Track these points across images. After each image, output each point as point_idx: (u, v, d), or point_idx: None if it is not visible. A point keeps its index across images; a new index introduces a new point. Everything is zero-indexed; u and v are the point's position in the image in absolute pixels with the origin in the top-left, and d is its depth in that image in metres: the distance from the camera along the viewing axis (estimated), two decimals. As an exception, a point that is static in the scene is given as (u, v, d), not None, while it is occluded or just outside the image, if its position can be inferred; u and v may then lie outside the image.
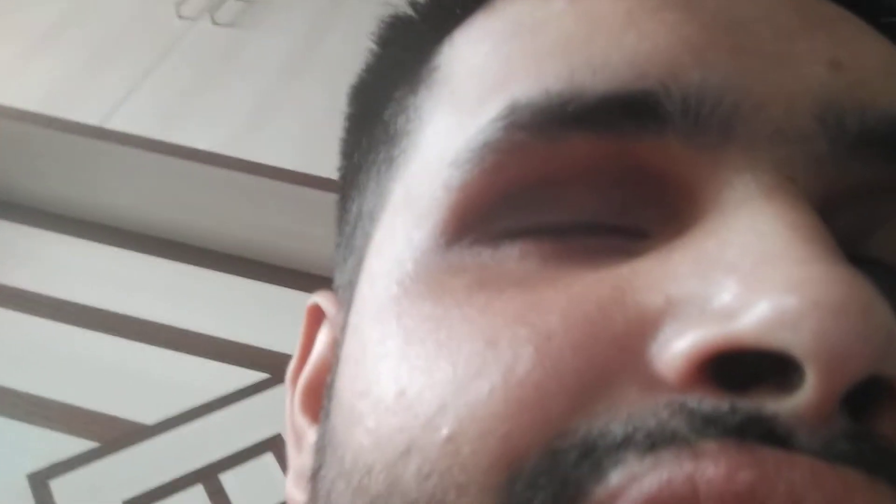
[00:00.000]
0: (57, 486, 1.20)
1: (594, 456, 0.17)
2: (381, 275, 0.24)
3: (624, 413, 0.18)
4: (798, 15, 0.24)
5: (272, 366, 1.36)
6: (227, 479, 1.24)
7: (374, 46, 0.32)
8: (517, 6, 0.26)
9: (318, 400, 0.30)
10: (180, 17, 1.61)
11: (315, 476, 0.25)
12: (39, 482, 1.20)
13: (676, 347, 0.18)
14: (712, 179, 0.21)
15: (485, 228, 0.23)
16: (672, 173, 0.22)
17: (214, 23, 1.61)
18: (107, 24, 1.59)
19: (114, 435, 1.26)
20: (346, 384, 0.24)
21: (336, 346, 0.27)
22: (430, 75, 0.28)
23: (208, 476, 1.23)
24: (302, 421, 0.31)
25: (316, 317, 0.34)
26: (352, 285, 0.27)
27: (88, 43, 1.55)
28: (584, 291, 0.20)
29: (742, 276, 0.18)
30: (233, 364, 1.36)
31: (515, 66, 0.24)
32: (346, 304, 0.27)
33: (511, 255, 0.22)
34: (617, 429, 0.17)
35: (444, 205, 0.23)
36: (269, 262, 1.50)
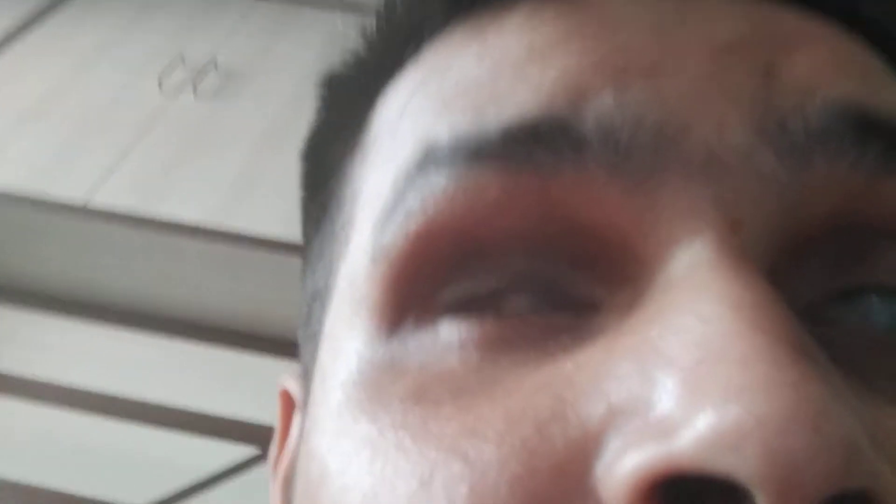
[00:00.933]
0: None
1: None
2: (329, 373, 0.23)
3: None
4: (737, 28, 0.22)
5: (261, 439, 1.34)
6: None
7: (317, 108, 0.30)
8: (436, 54, 0.25)
9: None
10: (162, 91, 1.62)
11: None
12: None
13: (618, 472, 0.16)
14: (655, 233, 0.19)
15: (423, 304, 0.21)
16: (605, 222, 0.20)
17: (196, 96, 1.62)
18: (90, 101, 1.60)
19: (103, 520, 1.23)
20: (300, 499, 0.22)
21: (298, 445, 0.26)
22: (364, 138, 0.26)
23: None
24: None
25: (288, 402, 0.32)
26: (308, 376, 0.26)
27: (72, 119, 1.56)
28: (524, 406, 0.18)
29: (682, 377, 0.16)
30: (221, 439, 1.34)
31: (426, 114, 0.23)
32: (305, 397, 0.26)
33: (451, 344, 0.20)
34: None
35: (375, 281, 0.22)
36: (258, 332, 1.50)
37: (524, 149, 0.20)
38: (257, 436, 1.34)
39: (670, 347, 0.17)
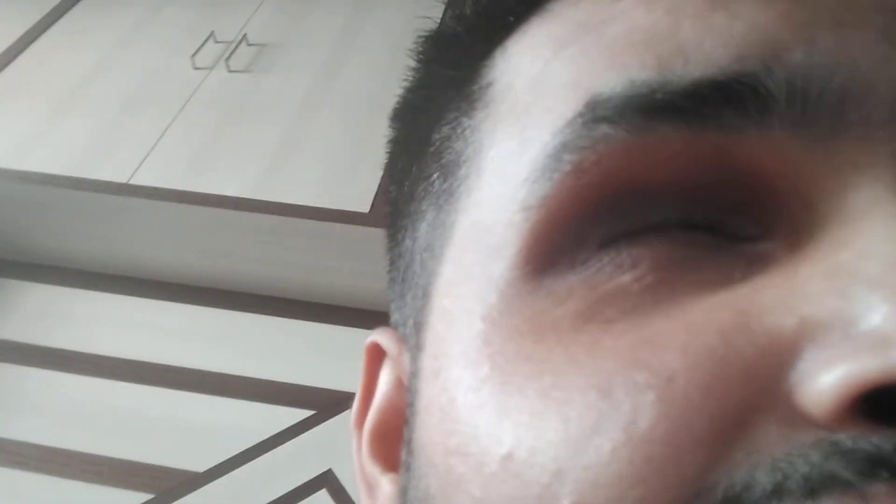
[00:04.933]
0: (116, 541, 1.21)
1: None
2: (461, 313, 0.22)
3: (768, 459, 0.16)
4: None
5: (317, 402, 1.36)
6: (284, 519, 1.24)
7: (414, 64, 0.29)
8: (578, 8, 0.23)
9: (389, 446, 0.28)
10: (196, 67, 1.64)
11: None
12: (98, 539, 1.21)
13: (824, 381, 0.15)
14: (829, 180, 0.19)
15: (578, 244, 0.20)
16: (781, 175, 0.19)
17: (230, 70, 1.63)
18: (125, 82, 1.62)
19: (167, 485, 1.26)
20: (436, 438, 0.21)
21: (408, 392, 0.25)
22: (485, 93, 0.25)
23: (265, 518, 1.23)
24: (373, 468, 0.28)
25: (375, 356, 0.31)
26: (418, 326, 0.25)
27: (109, 102, 1.58)
28: (703, 319, 0.17)
29: (887, 293, 0.15)
30: (277, 404, 1.37)
31: (589, 64, 0.22)
32: (413, 347, 0.25)
33: (621, 267, 0.20)
34: (764, 478, 0.15)
35: (525, 229, 0.21)
36: (302, 299, 1.52)
37: (713, 108, 0.19)
38: (310, 398, 1.37)
39: (870, 268, 0.16)
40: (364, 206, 1.34)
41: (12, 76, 1.66)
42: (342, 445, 1.28)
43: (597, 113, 0.20)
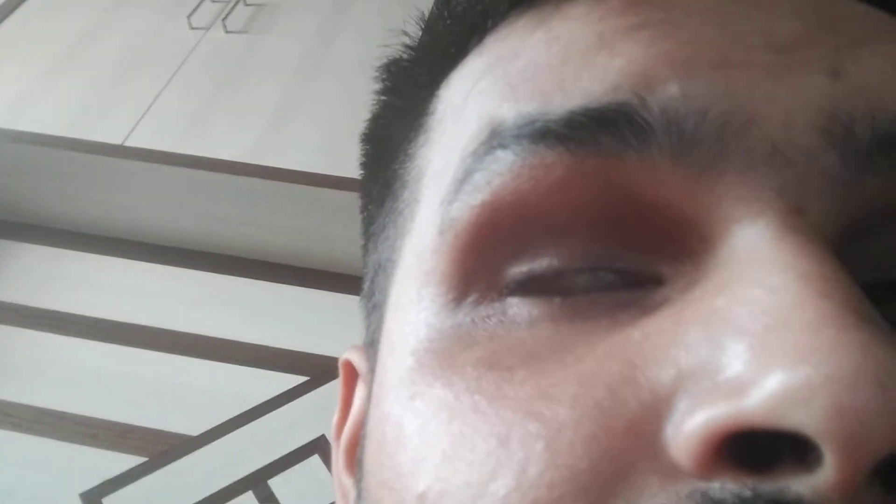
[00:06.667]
0: (110, 503, 1.22)
1: None
2: (399, 341, 0.24)
3: None
4: (802, 22, 0.22)
5: (310, 368, 1.36)
6: (276, 484, 1.24)
7: (377, 92, 0.31)
8: (501, 42, 0.25)
9: None
10: (192, 27, 1.61)
11: None
12: (92, 501, 1.22)
13: (688, 428, 0.17)
14: (716, 211, 0.20)
15: (488, 279, 0.22)
16: (668, 203, 0.20)
17: (226, 31, 1.61)
18: (121, 43, 1.60)
19: (161, 448, 1.27)
20: (373, 468, 0.23)
21: (364, 412, 0.27)
22: (427, 121, 0.27)
23: (257, 482, 1.24)
24: (347, 480, 0.31)
25: (351, 372, 0.33)
26: (375, 345, 0.27)
27: (104, 62, 1.56)
28: (595, 371, 0.19)
29: (751, 342, 0.17)
30: (270, 369, 1.37)
31: (493, 98, 0.23)
32: (371, 366, 0.27)
33: (520, 318, 0.21)
34: None
35: (443, 253, 0.23)
36: (296, 265, 1.51)
37: (589, 133, 0.21)
38: (304, 364, 1.37)
39: (738, 316, 0.17)
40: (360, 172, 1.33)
41: (4, 36, 1.64)
42: (335, 412, 1.28)
43: (493, 141, 0.22)
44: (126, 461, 1.26)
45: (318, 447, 1.27)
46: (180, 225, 1.51)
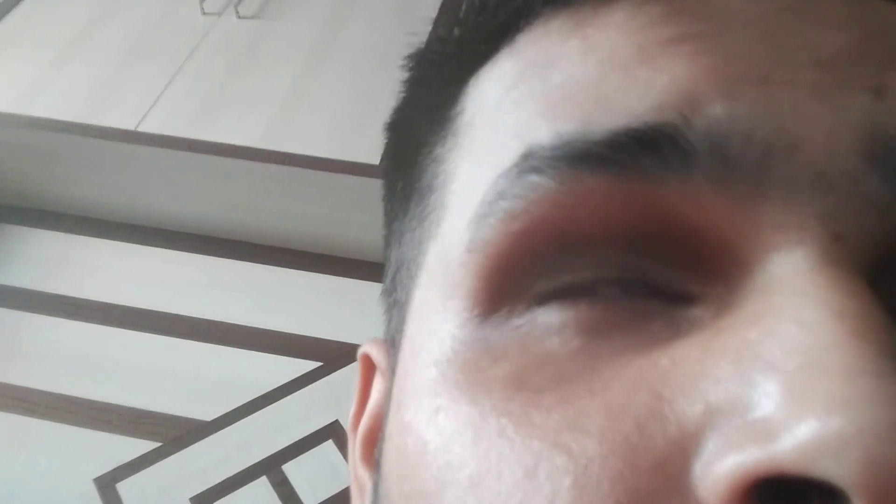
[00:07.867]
0: (124, 488, 1.22)
1: None
2: (421, 350, 0.23)
3: None
4: (848, 34, 0.21)
5: (324, 353, 1.36)
6: (290, 469, 1.24)
7: (403, 81, 0.30)
8: (535, 45, 0.24)
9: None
10: (205, 13, 1.61)
11: None
12: (106, 486, 1.22)
13: (718, 471, 0.16)
14: (756, 237, 0.19)
15: (517, 294, 0.21)
16: (707, 227, 0.20)
17: (239, 16, 1.60)
18: (133, 28, 1.59)
19: (175, 434, 1.27)
20: (392, 475, 0.23)
21: (383, 411, 0.27)
22: (455, 121, 0.26)
23: (271, 467, 1.24)
24: (363, 472, 0.30)
25: (369, 365, 0.33)
26: (395, 345, 0.26)
27: (116, 47, 1.55)
28: (623, 402, 0.18)
29: (783, 381, 0.16)
30: (284, 355, 1.37)
31: (528, 113, 0.23)
32: (391, 364, 0.27)
33: (550, 326, 0.21)
34: None
35: (471, 270, 0.22)
36: (309, 250, 1.51)
37: (631, 156, 0.20)
38: (318, 349, 1.37)
39: (771, 352, 0.17)
40: (374, 157, 1.32)
41: (18, 21, 1.64)
42: (349, 397, 1.28)
43: (528, 164, 0.21)
44: (140, 446, 1.26)
45: (332, 432, 1.27)
46: (192, 210, 1.51)
